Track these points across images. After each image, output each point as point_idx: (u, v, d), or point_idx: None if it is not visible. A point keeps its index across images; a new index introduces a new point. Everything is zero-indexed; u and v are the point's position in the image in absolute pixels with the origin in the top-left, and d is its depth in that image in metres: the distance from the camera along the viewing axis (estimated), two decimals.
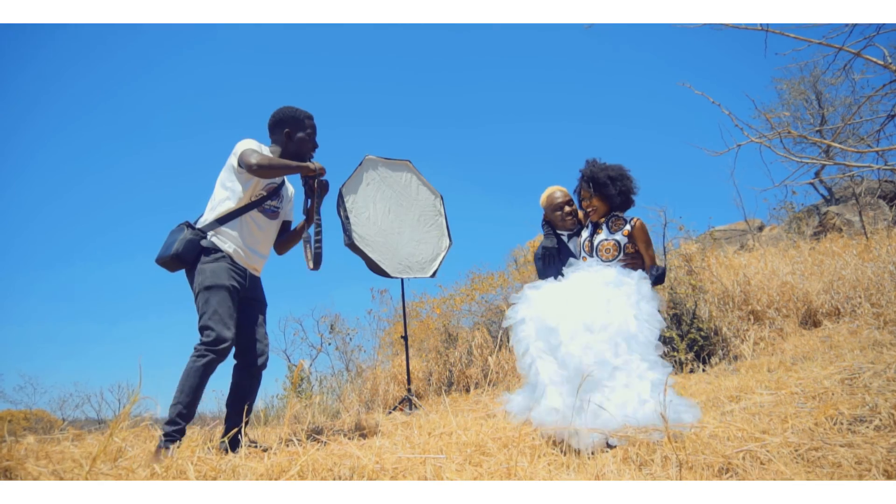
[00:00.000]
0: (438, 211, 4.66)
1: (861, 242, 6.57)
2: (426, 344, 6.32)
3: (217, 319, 2.41)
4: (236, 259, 2.58)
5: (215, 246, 2.54)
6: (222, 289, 2.47)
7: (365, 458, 1.93)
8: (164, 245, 2.55)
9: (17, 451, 2.21)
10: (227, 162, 2.65)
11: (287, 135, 2.73)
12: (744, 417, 2.36)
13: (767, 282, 5.55)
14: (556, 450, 2.13)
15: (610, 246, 2.86)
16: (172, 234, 2.58)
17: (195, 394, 2.35)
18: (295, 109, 2.75)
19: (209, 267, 2.50)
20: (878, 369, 2.75)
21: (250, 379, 2.67)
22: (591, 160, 3.00)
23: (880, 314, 4.63)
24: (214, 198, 2.65)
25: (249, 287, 2.65)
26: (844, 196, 10.30)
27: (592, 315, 2.46)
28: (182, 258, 2.49)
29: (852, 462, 1.71)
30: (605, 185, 2.87)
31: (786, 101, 11.99)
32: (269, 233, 2.76)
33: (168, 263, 2.52)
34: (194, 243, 2.52)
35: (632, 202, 2.98)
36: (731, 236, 10.67)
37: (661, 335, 2.63)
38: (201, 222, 2.61)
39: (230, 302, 2.48)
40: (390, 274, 4.18)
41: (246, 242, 2.62)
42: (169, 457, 2.14)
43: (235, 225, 2.59)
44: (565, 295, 2.62)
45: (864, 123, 4.86)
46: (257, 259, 2.71)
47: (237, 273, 2.56)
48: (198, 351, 2.39)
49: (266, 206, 2.69)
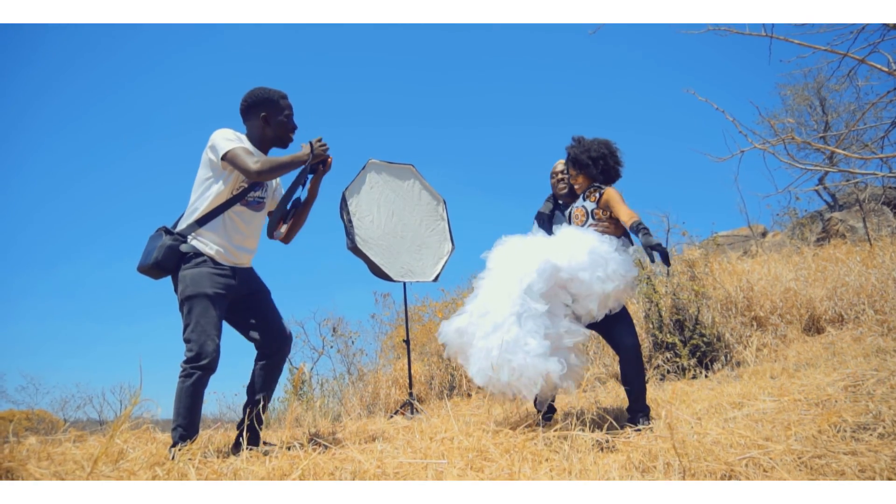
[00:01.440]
0: (441, 215, 4.67)
1: (865, 249, 6.55)
2: (428, 348, 6.31)
3: (199, 331, 2.33)
4: (219, 260, 2.47)
5: (196, 250, 2.43)
6: (204, 297, 2.37)
7: (366, 463, 1.93)
8: (144, 253, 2.46)
9: (19, 451, 2.22)
10: (203, 157, 2.52)
11: (264, 119, 2.60)
12: (747, 424, 2.34)
13: (770, 288, 5.53)
14: (559, 455, 2.12)
15: (579, 213, 3.03)
16: (151, 241, 2.48)
17: (192, 414, 2.31)
18: (268, 91, 2.61)
19: (189, 274, 2.40)
20: (882, 376, 2.73)
21: (269, 370, 2.62)
22: (576, 138, 3.06)
23: (884, 321, 4.61)
24: (192, 198, 2.53)
25: (241, 283, 2.55)
26: (848, 202, 10.27)
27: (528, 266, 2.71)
28: (162, 266, 2.40)
29: (856, 470, 1.70)
30: (587, 165, 2.97)
31: (790, 107, 12.01)
32: (256, 226, 2.64)
33: (149, 272, 2.43)
34: (173, 249, 2.41)
35: (616, 176, 3.04)
36: (735, 242, 10.65)
37: (663, 340, 2.66)
38: (180, 226, 2.51)
39: (213, 311, 2.38)
40: (393, 278, 4.19)
41: (231, 240, 2.51)
42: (170, 459, 2.14)
43: (217, 224, 2.48)
44: (526, 246, 2.90)
45: (868, 130, 4.86)
46: (244, 255, 2.60)
47: (222, 275, 2.45)
48: (183, 370, 2.32)
49: (249, 198, 2.56)
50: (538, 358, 2.51)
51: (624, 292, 2.74)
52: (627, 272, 2.73)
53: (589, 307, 2.71)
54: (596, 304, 2.69)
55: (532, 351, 2.51)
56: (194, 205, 2.51)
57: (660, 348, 4.89)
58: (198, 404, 2.33)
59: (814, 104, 11.87)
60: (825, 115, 11.54)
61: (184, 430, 2.28)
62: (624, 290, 2.73)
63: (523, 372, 2.49)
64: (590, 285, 2.68)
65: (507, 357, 2.51)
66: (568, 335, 2.67)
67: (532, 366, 2.49)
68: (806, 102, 11.85)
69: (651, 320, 5.10)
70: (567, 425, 2.46)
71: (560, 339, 2.65)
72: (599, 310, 2.71)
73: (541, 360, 2.51)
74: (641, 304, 5.31)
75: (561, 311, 2.72)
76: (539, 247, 2.82)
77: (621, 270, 2.71)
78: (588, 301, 2.70)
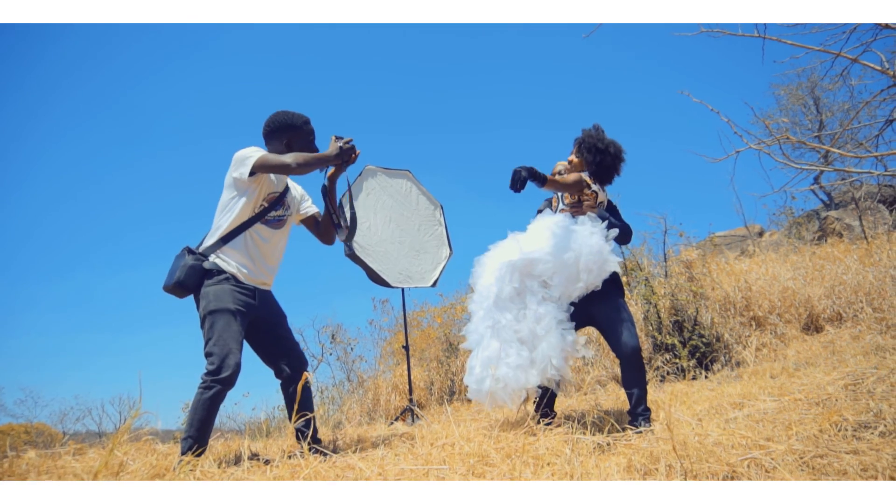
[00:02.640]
0: (438, 221, 4.68)
1: (862, 247, 6.57)
2: (427, 353, 6.30)
3: (221, 345, 2.35)
4: (241, 278, 2.51)
5: (218, 267, 2.48)
6: (226, 312, 2.40)
7: (367, 470, 1.92)
8: (169, 272, 2.51)
9: (19, 465, 2.21)
10: (227, 179, 2.58)
11: (287, 144, 2.65)
12: (747, 425, 2.34)
13: (769, 287, 5.55)
14: (561, 459, 2.12)
15: (553, 200, 3.16)
16: (176, 261, 2.53)
17: (205, 426, 2.31)
18: (291, 115, 2.66)
19: (212, 290, 2.43)
20: (882, 374, 2.74)
21: (299, 391, 2.59)
22: (597, 126, 3.09)
23: (882, 318, 4.62)
24: (216, 218, 2.59)
25: (261, 305, 2.58)
26: (844, 201, 10.30)
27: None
28: (185, 285, 2.44)
29: (858, 469, 1.70)
30: (590, 150, 3.00)
31: (784, 107, 12.07)
32: (276, 244, 2.68)
33: (173, 291, 2.48)
34: (196, 268, 2.46)
35: (607, 177, 3.06)
36: (732, 242, 10.66)
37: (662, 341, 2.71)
38: (204, 245, 2.55)
39: (236, 325, 2.41)
40: (391, 284, 4.18)
41: (251, 259, 2.55)
42: (172, 471, 2.13)
43: (238, 243, 2.53)
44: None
45: (862, 128, 4.87)
46: (266, 274, 2.63)
47: (244, 293, 2.49)
48: (204, 382, 2.33)
49: (270, 217, 2.62)
50: (518, 370, 2.65)
51: (594, 263, 2.75)
52: (593, 244, 2.76)
53: (562, 287, 2.77)
54: (563, 279, 2.75)
55: (513, 363, 2.66)
56: (217, 224, 2.56)
57: (659, 350, 4.90)
58: (212, 418, 2.34)
59: (808, 104, 11.95)
60: (819, 115, 11.60)
61: (194, 441, 2.28)
62: (594, 262, 2.74)
63: (507, 383, 2.64)
64: (550, 263, 2.77)
65: (490, 372, 2.67)
66: (538, 322, 2.75)
67: (514, 378, 2.64)
68: (800, 102, 11.91)
69: (650, 322, 5.11)
70: (568, 429, 2.46)
71: (535, 336, 2.74)
72: (570, 284, 2.76)
73: (521, 372, 2.65)
74: (640, 306, 5.31)
75: (533, 302, 2.80)
76: (501, 252, 2.94)
77: (587, 242, 2.76)
78: (558, 279, 2.77)
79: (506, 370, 2.65)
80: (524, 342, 2.73)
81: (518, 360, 2.67)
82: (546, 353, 2.68)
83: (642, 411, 2.74)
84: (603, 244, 2.79)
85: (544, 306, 2.77)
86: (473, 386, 2.78)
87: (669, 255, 6.26)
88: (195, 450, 2.26)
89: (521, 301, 2.82)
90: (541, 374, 2.68)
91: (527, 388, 2.66)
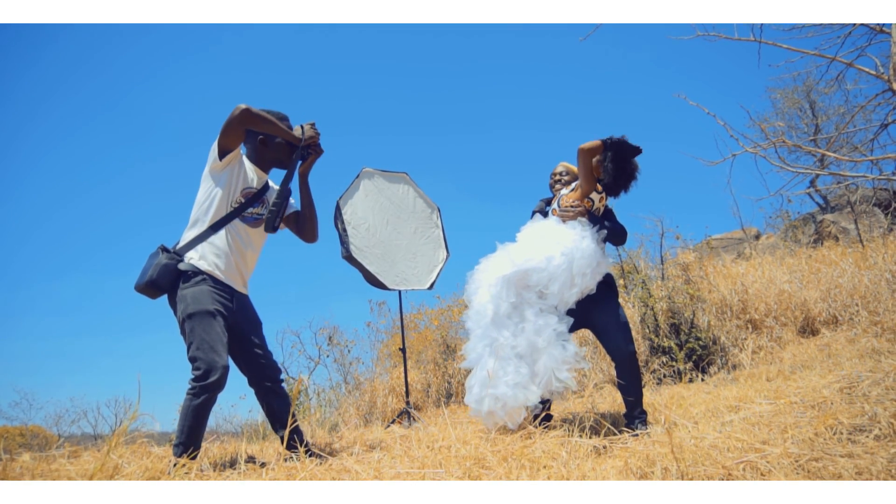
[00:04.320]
0: (435, 223, 4.68)
1: (857, 250, 6.60)
2: (424, 356, 6.30)
3: (206, 348, 2.27)
4: (218, 277, 2.43)
5: (194, 268, 2.39)
6: (206, 314, 2.32)
7: (363, 473, 1.92)
8: (141, 271, 2.41)
9: (13, 468, 2.19)
10: (203, 175, 2.50)
11: (262, 141, 2.57)
12: (743, 428, 2.35)
13: (765, 290, 5.56)
14: (557, 462, 2.12)
15: (555, 204, 3.12)
16: (149, 260, 2.44)
17: (196, 432, 2.27)
18: (267, 112, 2.55)
19: (190, 292, 2.34)
20: (877, 378, 2.74)
21: (278, 397, 2.58)
22: (628, 140, 2.93)
23: (878, 322, 4.63)
24: (192, 215, 2.50)
25: (238, 308, 2.50)
26: (840, 204, 10.34)
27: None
28: (157, 284, 2.35)
29: (853, 472, 1.70)
30: (612, 151, 2.88)
31: (780, 111, 12.11)
32: (253, 243, 2.59)
33: (144, 290, 2.39)
34: (170, 268, 2.37)
35: (615, 185, 2.92)
36: (728, 245, 10.70)
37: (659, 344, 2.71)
38: (179, 243, 2.47)
39: (218, 326, 2.33)
40: (388, 286, 4.18)
41: (227, 257, 2.46)
42: (167, 475, 2.12)
43: (216, 240, 2.44)
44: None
45: (857, 132, 4.90)
46: (242, 273, 2.55)
47: (221, 294, 2.41)
48: (192, 388, 2.27)
49: (247, 213, 2.53)
50: (517, 388, 2.64)
51: (588, 266, 2.73)
52: (585, 247, 2.75)
53: (559, 294, 2.74)
54: (558, 286, 2.73)
55: (511, 381, 2.66)
56: (194, 219, 2.49)
57: (656, 352, 4.90)
58: (203, 423, 2.30)
59: (804, 107, 11.99)
60: (815, 118, 11.64)
61: (185, 448, 2.24)
62: (587, 266, 2.73)
63: (506, 402, 2.64)
64: (544, 272, 2.74)
65: (490, 391, 2.67)
66: (538, 334, 2.72)
67: (513, 396, 2.63)
68: (796, 106, 11.96)
69: (647, 324, 5.11)
70: (565, 431, 2.46)
71: (534, 349, 2.72)
72: (566, 290, 2.74)
73: (520, 390, 2.64)
74: (637, 309, 5.32)
75: (531, 314, 2.77)
76: (493, 266, 2.91)
77: (579, 246, 2.75)
78: (554, 286, 2.74)
79: (504, 389, 2.65)
80: (523, 357, 2.71)
81: (517, 378, 2.66)
82: (548, 366, 2.66)
83: (639, 414, 2.74)
84: (594, 247, 2.78)
85: (543, 318, 2.75)
86: (473, 406, 2.79)
87: (666, 258, 6.27)
88: (189, 454, 2.23)
89: (519, 314, 2.78)
90: (543, 388, 2.67)
91: (526, 405, 2.65)
